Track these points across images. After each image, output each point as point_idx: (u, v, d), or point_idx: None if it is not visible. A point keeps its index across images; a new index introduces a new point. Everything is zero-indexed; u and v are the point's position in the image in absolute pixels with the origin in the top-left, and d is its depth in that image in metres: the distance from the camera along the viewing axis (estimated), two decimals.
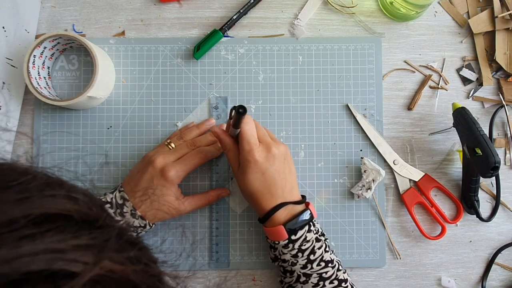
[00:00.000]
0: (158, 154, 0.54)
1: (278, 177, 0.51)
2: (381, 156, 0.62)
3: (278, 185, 0.51)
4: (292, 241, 0.51)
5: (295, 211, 0.52)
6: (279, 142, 0.54)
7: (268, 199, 0.51)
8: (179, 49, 0.62)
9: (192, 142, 0.57)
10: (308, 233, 0.51)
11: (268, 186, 0.51)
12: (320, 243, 0.52)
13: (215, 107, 0.62)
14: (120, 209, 0.52)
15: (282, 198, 0.51)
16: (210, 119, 0.61)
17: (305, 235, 0.51)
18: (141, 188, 0.53)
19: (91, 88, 0.55)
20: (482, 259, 0.62)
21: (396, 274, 0.61)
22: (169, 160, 0.54)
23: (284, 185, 0.52)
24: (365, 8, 0.64)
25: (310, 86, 0.63)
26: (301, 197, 0.54)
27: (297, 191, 0.54)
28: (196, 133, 0.59)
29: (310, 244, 0.51)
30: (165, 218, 0.55)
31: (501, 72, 0.63)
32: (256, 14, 0.63)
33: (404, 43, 0.64)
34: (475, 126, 0.55)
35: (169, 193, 0.53)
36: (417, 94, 0.63)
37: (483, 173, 0.55)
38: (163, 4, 0.63)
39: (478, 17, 0.63)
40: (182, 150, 0.56)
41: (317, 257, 0.51)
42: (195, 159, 0.55)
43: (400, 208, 0.62)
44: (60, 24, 0.63)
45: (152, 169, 0.53)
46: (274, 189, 0.51)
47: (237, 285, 0.61)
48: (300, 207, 0.53)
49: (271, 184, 0.51)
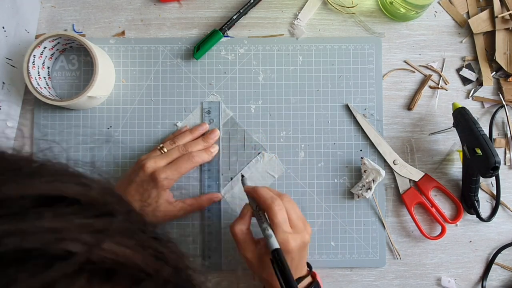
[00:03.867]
0: (149, 159, 0.54)
1: (299, 261, 0.49)
2: (381, 156, 0.62)
3: (298, 268, 0.49)
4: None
5: (303, 285, 0.50)
6: (307, 223, 0.51)
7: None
8: (179, 49, 0.62)
9: (184, 146, 0.57)
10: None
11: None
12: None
13: (207, 112, 0.62)
14: None
15: (295, 274, 0.49)
16: (204, 124, 0.61)
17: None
18: (132, 192, 0.53)
19: (91, 88, 0.55)
20: (482, 259, 0.62)
21: (396, 274, 0.61)
22: (160, 164, 0.54)
23: (299, 264, 0.49)
24: (365, 8, 0.64)
25: (310, 86, 0.63)
26: (307, 265, 0.53)
27: (305, 262, 0.52)
28: (189, 138, 0.59)
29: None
30: (157, 223, 0.55)
31: (501, 72, 0.63)
32: (256, 14, 0.63)
33: (404, 43, 0.64)
34: (475, 126, 0.55)
35: (160, 198, 0.53)
36: (417, 94, 0.63)
37: (483, 173, 0.55)
38: (163, 4, 0.63)
39: (478, 17, 0.63)
40: (174, 154, 0.56)
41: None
42: (186, 164, 0.55)
43: (400, 208, 0.62)
44: (60, 24, 0.63)
45: (142, 174, 0.53)
46: (292, 268, 0.48)
47: (237, 285, 0.61)
48: (307, 280, 0.51)
49: (291, 265, 0.47)
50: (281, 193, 0.52)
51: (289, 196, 0.52)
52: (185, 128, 0.61)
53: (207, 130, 0.61)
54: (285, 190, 0.61)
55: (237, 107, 0.62)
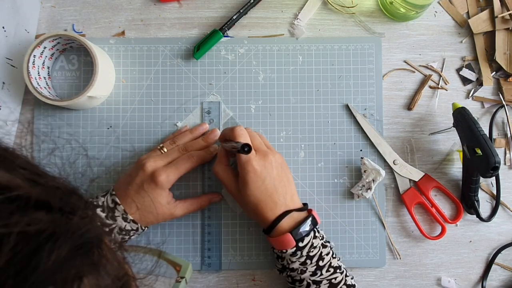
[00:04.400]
0: (149, 158, 0.55)
1: (279, 184, 0.51)
2: (381, 156, 0.62)
3: (280, 193, 0.51)
4: (299, 248, 0.50)
5: (299, 218, 0.52)
6: (274, 150, 0.54)
7: (272, 208, 0.51)
8: (179, 49, 0.62)
9: (184, 146, 0.57)
10: (314, 239, 0.52)
11: (270, 195, 0.51)
12: (327, 249, 0.52)
13: (207, 112, 0.62)
14: (112, 213, 0.52)
15: (285, 205, 0.52)
16: (204, 124, 0.61)
17: (311, 241, 0.51)
18: (132, 192, 0.53)
19: (91, 88, 0.55)
20: (482, 259, 0.62)
21: (396, 274, 0.61)
22: (160, 164, 0.54)
23: (285, 192, 0.52)
24: (365, 8, 0.64)
25: (310, 86, 0.63)
26: (303, 204, 0.54)
27: (297, 198, 0.54)
28: (189, 138, 0.59)
29: (318, 250, 0.51)
30: (156, 222, 0.55)
31: (501, 72, 0.63)
32: (256, 14, 0.63)
33: (404, 43, 0.64)
34: (475, 126, 0.55)
35: (159, 197, 0.53)
36: (417, 94, 0.63)
37: (483, 173, 0.55)
38: (163, 4, 0.63)
39: (478, 17, 0.63)
40: (174, 154, 0.56)
41: (326, 263, 0.51)
42: (186, 164, 0.55)
43: (400, 208, 0.62)
44: (60, 24, 0.63)
45: (142, 173, 0.53)
46: (276, 196, 0.51)
47: (237, 285, 0.61)
48: (303, 214, 0.53)
49: (273, 192, 0.51)
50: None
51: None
52: (185, 128, 0.61)
53: (207, 130, 0.61)
54: None
55: (237, 107, 0.62)
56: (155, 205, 0.53)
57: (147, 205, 0.53)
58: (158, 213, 0.54)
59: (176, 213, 0.55)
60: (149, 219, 0.54)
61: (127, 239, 0.54)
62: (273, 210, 0.51)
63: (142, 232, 0.55)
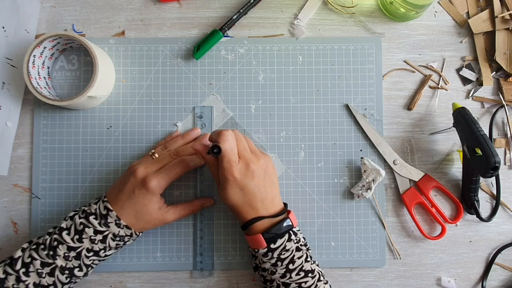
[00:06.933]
0: (140, 164, 0.55)
1: (258, 191, 0.52)
2: (381, 156, 0.62)
3: (258, 199, 0.52)
4: (271, 249, 0.51)
5: (275, 220, 0.53)
6: (259, 155, 0.53)
7: (249, 211, 0.52)
8: (179, 49, 0.62)
9: (175, 151, 0.57)
10: (288, 242, 0.52)
11: (248, 200, 0.52)
12: (300, 252, 0.52)
13: (199, 117, 0.62)
14: (105, 219, 0.52)
15: (263, 209, 0.52)
16: (195, 129, 0.61)
17: (284, 244, 0.51)
18: (124, 198, 0.53)
19: (91, 88, 0.55)
20: (482, 259, 0.62)
21: (396, 274, 0.61)
22: (151, 170, 0.54)
23: (265, 198, 0.52)
24: (365, 8, 0.64)
25: (310, 86, 0.63)
26: (284, 205, 0.55)
27: (279, 200, 0.55)
28: (181, 143, 0.59)
29: (290, 254, 0.52)
30: (149, 228, 0.55)
31: (501, 72, 0.63)
32: (256, 14, 0.63)
33: (404, 43, 0.64)
34: (475, 126, 0.55)
35: (151, 203, 0.53)
36: (417, 94, 0.63)
37: (483, 173, 0.55)
38: (163, 4, 0.63)
39: (478, 17, 0.63)
40: (165, 159, 0.56)
41: (297, 267, 0.52)
42: (177, 169, 0.55)
43: (400, 208, 0.62)
44: (60, 24, 0.63)
45: (133, 179, 0.53)
46: (254, 202, 0.52)
47: (237, 285, 0.61)
48: (280, 217, 0.53)
49: (251, 198, 0.52)
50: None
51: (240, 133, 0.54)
52: (176, 133, 0.61)
53: (199, 135, 0.61)
54: (285, 190, 0.61)
55: (237, 107, 0.62)
56: (147, 211, 0.53)
57: (139, 210, 0.53)
58: (150, 218, 0.54)
59: (167, 219, 0.55)
60: (141, 225, 0.54)
61: (122, 245, 0.54)
62: (249, 213, 0.52)
63: (137, 237, 0.55)
